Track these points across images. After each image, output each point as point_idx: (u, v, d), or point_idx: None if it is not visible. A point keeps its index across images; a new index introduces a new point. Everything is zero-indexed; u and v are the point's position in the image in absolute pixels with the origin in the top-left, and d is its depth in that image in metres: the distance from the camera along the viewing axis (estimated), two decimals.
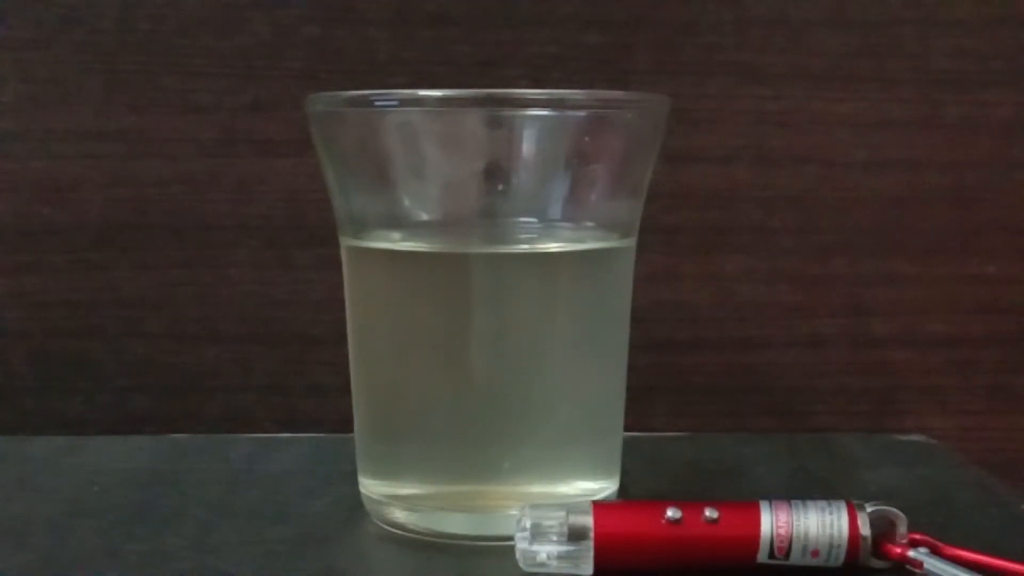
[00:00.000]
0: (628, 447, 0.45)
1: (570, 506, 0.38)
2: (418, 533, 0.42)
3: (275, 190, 0.58)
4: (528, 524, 0.38)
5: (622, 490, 0.45)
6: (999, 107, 0.59)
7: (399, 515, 0.42)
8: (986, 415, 0.60)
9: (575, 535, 0.37)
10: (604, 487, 0.44)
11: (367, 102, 0.41)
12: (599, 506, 0.38)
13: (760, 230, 0.59)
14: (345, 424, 0.45)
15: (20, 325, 0.58)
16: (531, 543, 0.37)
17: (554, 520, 0.38)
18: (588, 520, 0.37)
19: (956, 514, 0.45)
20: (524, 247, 0.42)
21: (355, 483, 0.45)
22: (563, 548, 0.37)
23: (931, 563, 0.37)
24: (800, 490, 0.40)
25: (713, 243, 0.59)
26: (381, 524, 0.43)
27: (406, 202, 0.42)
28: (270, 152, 0.57)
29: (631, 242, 0.44)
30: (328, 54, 0.57)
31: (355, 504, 0.44)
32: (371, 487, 0.44)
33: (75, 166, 0.57)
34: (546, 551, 0.37)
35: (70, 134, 0.57)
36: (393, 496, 0.43)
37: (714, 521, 0.37)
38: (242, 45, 0.57)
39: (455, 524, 0.40)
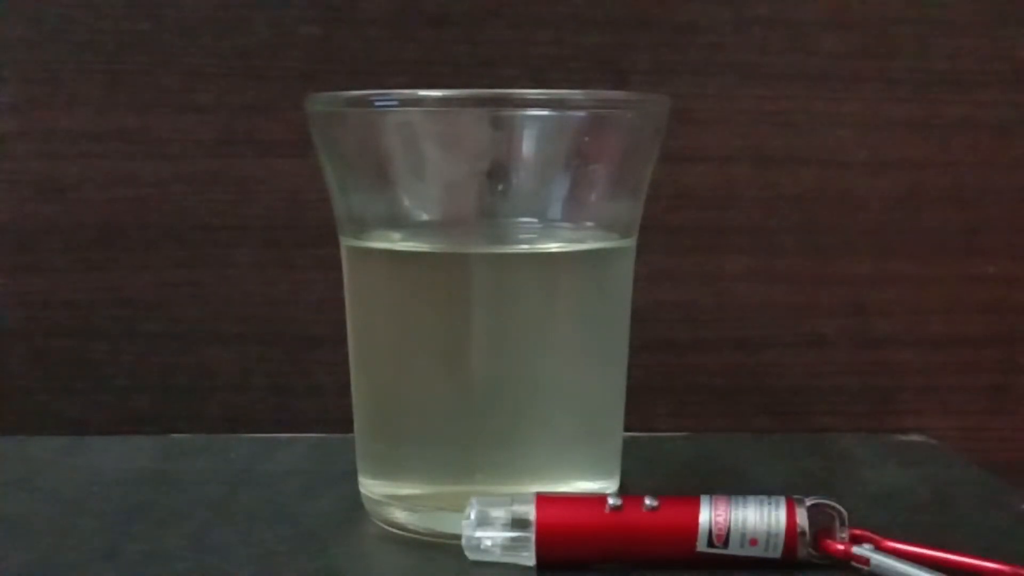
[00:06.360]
0: (628, 447, 0.45)
1: (515, 497, 0.39)
2: (418, 533, 0.42)
3: (275, 190, 0.58)
4: (473, 514, 0.39)
5: (622, 490, 0.45)
6: (999, 107, 0.59)
7: (399, 515, 0.42)
8: (986, 415, 0.61)
9: (518, 524, 0.39)
10: (604, 487, 0.44)
11: (367, 102, 0.41)
12: (543, 497, 0.39)
13: (760, 230, 0.59)
14: (345, 424, 0.45)
15: (20, 325, 0.58)
16: (475, 530, 0.39)
17: (499, 510, 0.39)
18: (531, 510, 0.38)
19: (956, 514, 0.45)
20: (524, 247, 0.42)
21: (355, 483, 0.45)
22: (506, 535, 0.39)
23: (877, 559, 0.37)
24: (800, 490, 0.40)
25: (713, 243, 0.59)
26: (381, 524, 0.43)
27: (406, 202, 0.42)
28: (270, 152, 0.57)
29: (631, 242, 0.44)
30: (328, 54, 0.57)
31: (355, 504, 0.44)
32: (371, 487, 0.44)
33: (75, 166, 0.57)
34: (490, 538, 0.39)
35: (70, 134, 0.57)
36: (393, 496, 0.43)
37: (654, 509, 0.38)
38: (242, 45, 0.57)
39: (455, 524, 0.40)
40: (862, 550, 0.38)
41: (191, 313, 0.58)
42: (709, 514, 0.38)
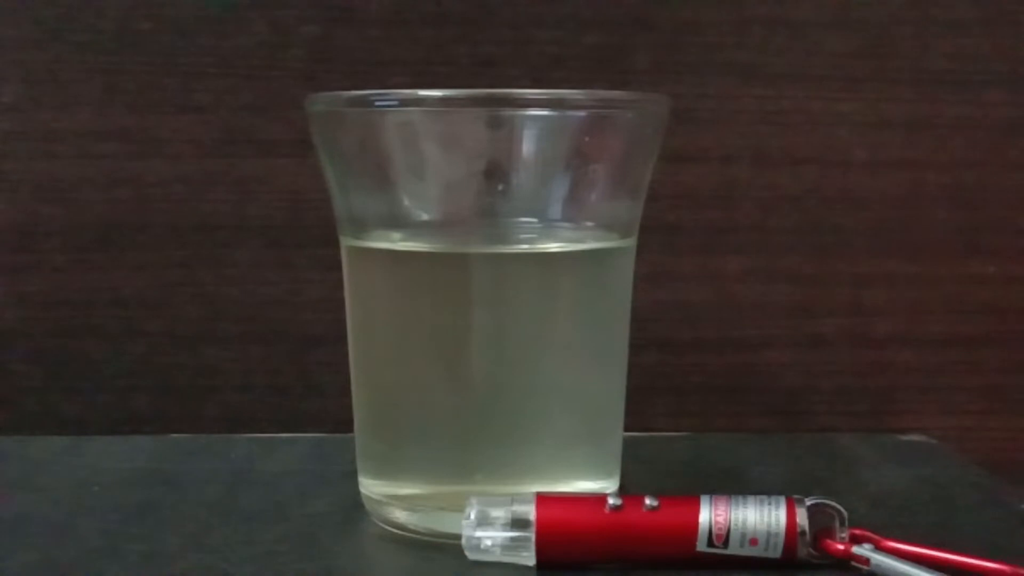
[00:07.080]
0: (628, 447, 0.45)
1: (516, 496, 0.39)
2: (418, 533, 0.42)
3: (275, 190, 0.58)
4: (473, 514, 0.39)
5: (622, 490, 0.45)
6: (999, 107, 0.59)
7: (399, 515, 0.42)
8: (986, 415, 0.60)
9: (518, 524, 0.39)
10: (604, 487, 0.44)
11: (367, 102, 0.41)
12: (543, 497, 0.39)
13: (760, 230, 0.59)
14: (345, 424, 0.45)
15: (20, 325, 0.58)
16: (475, 530, 0.39)
17: (499, 510, 0.39)
18: (531, 510, 0.38)
19: (956, 514, 0.45)
20: (524, 247, 0.42)
21: (355, 483, 0.45)
22: (506, 535, 0.39)
23: (877, 559, 0.37)
24: (800, 490, 0.40)
25: (713, 243, 0.59)
26: (381, 524, 0.43)
27: (406, 202, 0.42)
28: (270, 152, 0.57)
29: (631, 242, 0.44)
30: (328, 54, 0.57)
31: (355, 504, 0.44)
32: (371, 487, 0.44)
33: (75, 166, 0.57)
34: (490, 538, 0.39)
35: (70, 134, 0.57)
36: (393, 496, 0.43)
37: (654, 509, 0.38)
38: (242, 45, 0.57)
39: (455, 524, 0.40)
40: (862, 550, 0.38)
41: (191, 313, 0.58)
42: (709, 514, 0.38)
